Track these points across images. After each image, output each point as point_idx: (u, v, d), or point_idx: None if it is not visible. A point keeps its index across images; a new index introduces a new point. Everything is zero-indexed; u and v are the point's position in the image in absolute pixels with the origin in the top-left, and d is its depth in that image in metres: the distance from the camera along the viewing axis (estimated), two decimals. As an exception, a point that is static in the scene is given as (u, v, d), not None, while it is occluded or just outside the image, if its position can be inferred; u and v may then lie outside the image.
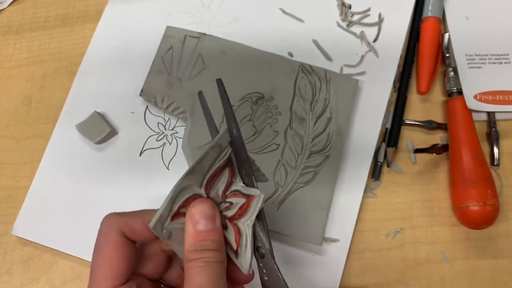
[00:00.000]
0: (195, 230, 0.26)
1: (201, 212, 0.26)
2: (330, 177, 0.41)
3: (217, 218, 0.26)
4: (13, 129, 0.47)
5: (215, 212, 0.26)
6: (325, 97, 0.43)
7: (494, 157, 0.43)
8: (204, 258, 0.25)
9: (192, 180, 0.26)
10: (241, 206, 0.28)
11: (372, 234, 0.42)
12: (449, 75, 0.45)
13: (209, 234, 0.26)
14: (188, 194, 0.26)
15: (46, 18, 0.52)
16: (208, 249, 0.25)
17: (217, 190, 0.27)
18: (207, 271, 0.25)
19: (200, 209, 0.26)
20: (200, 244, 0.26)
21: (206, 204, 0.26)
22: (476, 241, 0.41)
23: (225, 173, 0.27)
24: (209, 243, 0.26)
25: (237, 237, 0.27)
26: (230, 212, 0.28)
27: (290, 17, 0.48)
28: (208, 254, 0.25)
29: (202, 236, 0.26)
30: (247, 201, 0.28)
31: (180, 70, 0.45)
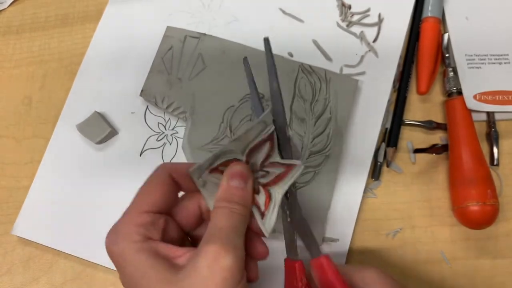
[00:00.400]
0: (228, 184, 0.29)
1: (237, 171, 0.29)
2: (330, 177, 0.41)
3: (249, 181, 0.29)
4: (13, 129, 0.47)
5: (249, 175, 0.29)
6: (325, 97, 0.43)
7: (494, 157, 0.43)
8: (230, 208, 0.28)
9: (236, 146, 0.29)
10: (278, 175, 0.30)
11: (372, 234, 0.42)
12: (448, 75, 0.45)
13: (239, 190, 0.29)
14: (230, 156, 0.29)
15: (46, 18, 0.52)
16: (235, 202, 0.28)
17: (256, 160, 0.30)
18: (230, 218, 0.28)
19: (237, 168, 0.29)
20: (229, 196, 0.28)
21: (243, 166, 0.29)
22: (476, 241, 0.41)
23: (265, 146, 0.30)
24: (238, 198, 0.28)
25: (267, 201, 0.30)
26: (265, 180, 0.30)
27: (290, 17, 0.48)
28: (234, 205, 0.28)
29: (233, 191, 0.29)
30: (286, 170, 0.30)
31: (180, 70, 0.45)
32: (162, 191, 0.29)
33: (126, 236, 0.27)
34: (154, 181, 0.30)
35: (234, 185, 0.29)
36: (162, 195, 0.29)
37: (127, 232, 0.27)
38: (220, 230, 0.27)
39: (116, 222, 0.28)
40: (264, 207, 0.30)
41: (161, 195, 0.29)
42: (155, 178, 0.30)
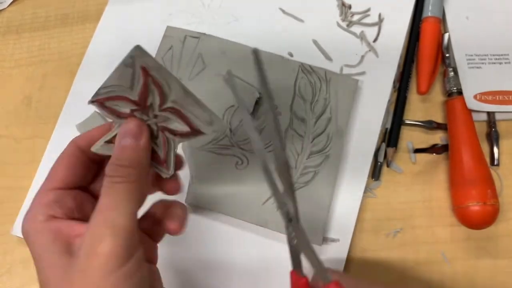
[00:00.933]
0: (118, 143, 0.27)
1: (127, 129, 0.27)
2: (330, 177, 0.41)
3: (142, 136, 0.27)
4: (13, 129, 0.47)
5: (141, 130, 0.27)
6: (325, 97, 0.43)
7: (494, 157, 0.43)
8: (113, 178, 0.26)
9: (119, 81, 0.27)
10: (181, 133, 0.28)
11: (372, 234, 0.42)
12: (449, 75, 0.45)
13: (130, 150, 0.27)
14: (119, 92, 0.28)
15: (46, 18, 0.52)
16: (121, 165, 0.26)
17: (153, 101, 0.28)
18: (112, 191, 0.26)
19: (127, 126, 0.27)
20: (117, 158, 0.27)
21: (134, 122, 0.28)
22: (476, 241, 0.41)
23: (153, 90, 0.27)
24: (126, 159, 0.27)
25: (164, 147, 0.28)
26: (166, 124, 0.28)
27: (290, 17, 0.48)
28: (118, 173, 0.26)
29: (122, 151, 0.27)
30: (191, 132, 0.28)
31: (180, 70, 0.45)
32: (68, 165, 0.28)
33: (31, 216, 0.27)
34: (61, 156, 0.29)
35: (125, 143, 0.27)
36: (68, 170, 0.28)
37: (33, 212, 0.27)
38: (99, 208, 0.25)
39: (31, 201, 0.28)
40: (163, 154, 0.28)
41: (67, 170, 0.28)
42: (62, 153, 0.29)
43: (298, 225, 0.28)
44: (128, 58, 0.26)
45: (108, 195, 0.26)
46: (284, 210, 0.28)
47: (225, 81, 0.30)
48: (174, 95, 0.27)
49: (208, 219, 0.42)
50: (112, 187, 0.26)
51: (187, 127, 0.28)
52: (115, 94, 0.28)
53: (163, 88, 0.27)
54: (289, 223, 0.29)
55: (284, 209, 0.28)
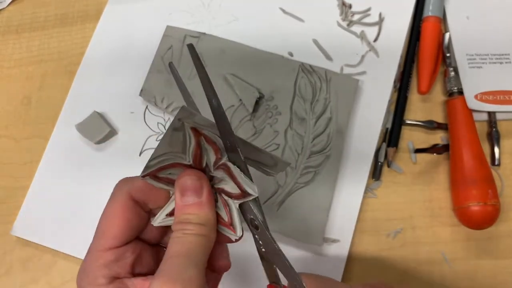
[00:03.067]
0: (180, 202, 0.26)
1: (187, 184, 0.25)
2: (331, 177, 0.41)
3: (204, 192, 0.26)
4: (13, 129, 0.47)
5: (202, 185, 0.26)
6: (325, 97, 0.43)
7: (495, 157, 0.43)
8: (184, 230, 0.25)
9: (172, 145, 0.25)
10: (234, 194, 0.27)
11: (372, 234, 0.42)
12: (449, 75, 0.45)
13: (193, 207, 0.25)
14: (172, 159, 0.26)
15: (45, 18, 0.52)
16: (190, 223, 0.25)
17: (208, 161, 0.26)
18: (184, 242, 0.25)
19: (186, 181, 0.25)
20: (183, 217, 0.25)
21: (191, 177, 0.26)
22: (477, 241, 0.41)
23: (206, 148, 0.26)
24: (192, 217, 0.25)
25: (226, 209, 0.27)
26: (219, 185, 0.27)
27: (290, 16, 0.47)
28: (189, 227, 0.25)
29: (186, 209, 0.25)
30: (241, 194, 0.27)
31: (180, 70, 0.45)
32: (123, 220, 0.26)
33: (91, 280, 0.25)
34: (113, 210, 0.26)
35: (186, 202, 0.25)
36: (123, 225, 0.26)
37: (92, 275, 0.25)
38: (169, 261, 0.24)
39: (83, 260, 0.26)
40: (227, 217, 0.27)
41: (122, 226, 0.26)
42: (113, 204, 0.26)
43: (266, 232, 0.26)
44: (176, 121, 0.24)
45: (181, 245, 0.24)
46: (247, 218, 0.26)
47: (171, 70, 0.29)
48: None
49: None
50: (184, 237, 0.25)
51: (237, 189, 0.26)
52: (167, 163, 0.26)
53: (217, 144, 0.25)
54: (256, 231, 0.26)
55: (248, 217, 0.26)
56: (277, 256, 0.26)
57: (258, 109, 0.43)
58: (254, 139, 0.42)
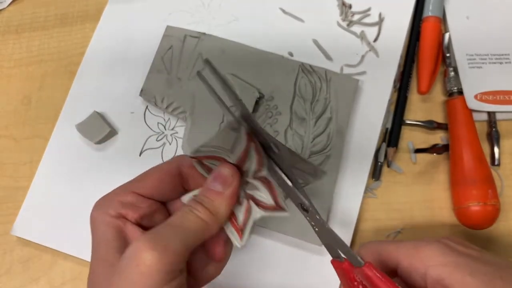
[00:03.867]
0: (207, 185, 0.27)
1: (221, 174, 0.27)
2: (331, 177, 0.41)
3: (231, 187, 0.27)
4: (13, 129, 0.47)
5: (233, 181, 0.27)
6: (325, 97, 0.43)
7: (495, 157, 0.43)
8: (192, 208, 0.26)
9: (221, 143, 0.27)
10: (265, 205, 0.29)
11: (372, 234, 0.42)
12: (449, 75, 0.45)
13: (213, 194, 0.27)
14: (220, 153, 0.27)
15: (45, 18, 0.52)
16: (201, 204, 0.27)
17: (248, 168, 0.28)
18: (185, 217, 0.26)
19: (222, 171, 0.27)
20: (201, 197, 0.27)
21: (228, 170, 0.28)
22: (477, 241, 0.41)
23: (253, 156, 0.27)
24: (207, 201, 0.27)
25: (246, 215, 0.28)
26: (251, 192, 0.29)
27: (290, 16, 0.47)
28: (198, 207, 0.26)
29: (207, 193, 0.27)
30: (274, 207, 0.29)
31: (180, 70, 0.45)
32: (160, 178, 0.29)
33: (104, 207, 0.28)
34: (158, 168, 0.29)
35: (212, 187, 0.27)
36: (158, 182, 0.29)
37: (107, 204, 0.28)
38: (162, 226, 0.26)
39: (110, 192, 0.29)
40: (242, 221, 0.28)
41: (156, 182, 0.29)
42: (163, 164, 0.30)
43: (315, 214, 0.28)
44: (234, 122, 0.26)
45: (183, 218, 0.26)
46: (297, 202, 0.28)
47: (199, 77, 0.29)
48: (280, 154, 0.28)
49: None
50: (188, 213, 0.26)
51: (272, 201, 0.28)
52: (215, 154, 0.27)
53: (262, 156, 0.27)
54: (306, 214, 0.28)
55: (297, 201, 0.28)
56: (329, 234, 0.28)
57: (258, 109, 0.43)
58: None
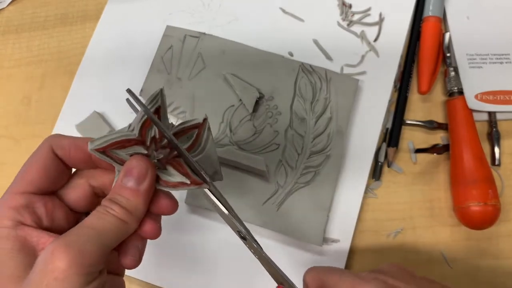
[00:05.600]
0: (120, 182, 0.26)
1: (133, 168, 0.26)
2: (331, 177, 0.41)
3: (145, 182, 0.26)
4: (12, 129, 0.47)
5: (146, 174, 0.26)
6: (326, 97, 0.43)
7: (495, 157, 0.43)
8: (108, 208, 0.25)
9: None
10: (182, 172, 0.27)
11: (372, 234, 0.42)
12: (450, 75, 0.45)
13: (128, 192, 0.26)
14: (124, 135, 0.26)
15: (45, 18, 0.52)
16: (118, 204, 0.25)
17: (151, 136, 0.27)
18: (102, 219, 0.25)
19: (134, 165, 0.26)
20: (115, 196, 0.25)
21: (141, 163, 0.26)
22: (477, 241, 0.41)
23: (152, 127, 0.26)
24: (123, 200, 0.25)
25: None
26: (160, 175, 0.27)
27: (290, 16, 0.47)
28: (115, 208, 0.25)
29: (121, 191, 0.26)
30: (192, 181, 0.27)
31: (180, 70, 0.44)
32: (41, 168, 0.26)
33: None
34: (33, 158, 0.27)
35: (125, 184, 0.26)
36: (41, 173, 0.26)
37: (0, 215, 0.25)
38: (78, 228, 0.24)
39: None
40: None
41: (39, 173, 0.26)
42: (34, 154, 0.27)
43: (253, 242, 0.28)
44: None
45: (97, 219, 0.25)
46: (236, 230, 0.28)
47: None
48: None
49: (207, 220, 0.42)
50: (104, 214, 0.25)
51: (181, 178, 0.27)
52: (117, 139, 0.26)
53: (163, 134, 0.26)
54: (245, 242, 0.28)
55: (235, 229, 0.28)
56: (267, 262, 0.28)
57: (258, 109, 0.43)
58: (254, 139, 0.42)
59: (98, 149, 0.26)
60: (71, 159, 0.27)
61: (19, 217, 0.25)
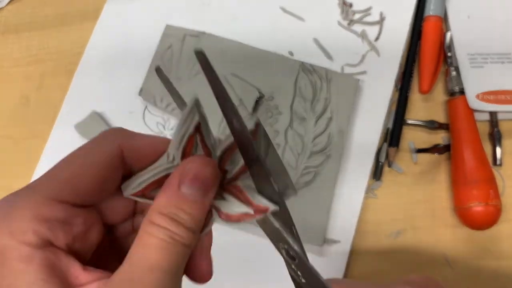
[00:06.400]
0: (178, 191, 0.18)
1: (197, 173, 0.18)
2: (331, 177, 0.41)
3: (212, 192, 0.19)
4: (11, 129, 0.47)
5: (215, 183, 0.19)
6: (326, 97, 0.43)
7: (496, 157, 0.43)
8: (172, 233, 0.18)
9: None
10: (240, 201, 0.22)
11: (373, 235, 0.42)
12: (451, 75, 0.44)
13: (192, 205, 0.18)
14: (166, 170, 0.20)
15: (44, 17, 0.51)
16: (182, 225, 0.18)
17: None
18: (170, 251, 0.18)
19: (198, 169, 0.19)
20: (175, 212, 0.18)
21: (207, 167, 0.19)
22: (478, 242, 0.41)
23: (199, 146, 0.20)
24: (187, 218, 0.18)
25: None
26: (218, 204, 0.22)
27: (290, 15, 0.47)
28: (180, 230, 0.18)
29: (181, 203, 0.18)
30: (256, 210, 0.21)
31: (180, 69, 0.44)
32: (101, 174, 0.19)
33: (17, 229, 0.17)
34: (90, 157, 0.19)
35: (187, 193, 0.18)
36: (99, 181, 0.19)
37: (20, 224, 0.17)
38: (148, 274, 0.17)
39: (12, 195, 0.18)
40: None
41: (96, 181, 0.19)
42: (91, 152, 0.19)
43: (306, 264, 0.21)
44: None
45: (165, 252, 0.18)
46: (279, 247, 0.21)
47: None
48: None
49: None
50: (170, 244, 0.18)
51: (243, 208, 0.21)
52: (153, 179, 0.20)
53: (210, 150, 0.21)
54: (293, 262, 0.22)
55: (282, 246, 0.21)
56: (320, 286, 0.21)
57: (258, 109, 0.43)
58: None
59: (135, 193, 0.20)
60: (139, 164, 0.20)
61: (49, 234, 0.18)
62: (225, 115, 0.19)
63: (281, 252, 0.22)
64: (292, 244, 0.21)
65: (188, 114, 0.20)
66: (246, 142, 0.19)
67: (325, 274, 0.39)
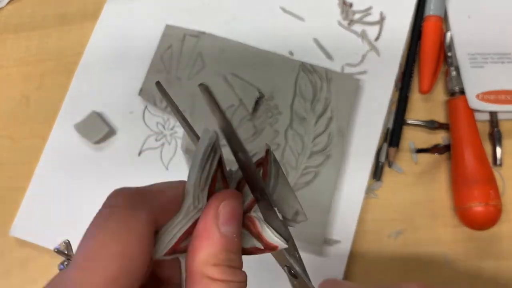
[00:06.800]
0: (219, 233, 0.17)
1: (232, 210, 0.18)
2: (331, 177, 0.41)
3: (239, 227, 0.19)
4: (11, 129, 0.47)
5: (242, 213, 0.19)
6: (326, 97, 0.43)
7: (497, 157, 0.43)
8: (233, 283, 0.17)
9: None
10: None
11: (373, 235, 0.41)
12: (451, 75, 0.44)
13: (237, 242, 0.18)
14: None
15: (44, 17, 0.51)
16: (237, 269, 0.17)
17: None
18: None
19: (232, 206, 0.18)
20: (226, 255, 0.17)
21: (238, 200, 0.18)
22: (478, 242, 0.41)
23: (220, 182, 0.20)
24: (235, 258, 0.17)
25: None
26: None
27: (290, 15, 0.47)
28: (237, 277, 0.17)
29: (230, 245, 0.17)
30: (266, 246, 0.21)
31: (180, 69, 0.44)
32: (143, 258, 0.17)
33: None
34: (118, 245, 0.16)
35: (229, 232, 0.17)
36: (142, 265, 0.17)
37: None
38: None
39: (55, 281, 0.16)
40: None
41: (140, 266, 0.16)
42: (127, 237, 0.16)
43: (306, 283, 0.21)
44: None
45: None
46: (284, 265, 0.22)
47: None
48: None
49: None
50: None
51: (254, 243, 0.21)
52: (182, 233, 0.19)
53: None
54: (295, 280, 0.22)
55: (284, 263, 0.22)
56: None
57: (258, 108, 0.43)
58: (254, 139, 0.42)
59: (167, 252, 0.19)
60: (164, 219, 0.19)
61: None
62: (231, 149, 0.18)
63: (284, 269, 0.22)
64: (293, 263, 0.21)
65: (209, 152, 0.19)
66: (251, 175, 0.18)
67: (325, 274, 0.39)
